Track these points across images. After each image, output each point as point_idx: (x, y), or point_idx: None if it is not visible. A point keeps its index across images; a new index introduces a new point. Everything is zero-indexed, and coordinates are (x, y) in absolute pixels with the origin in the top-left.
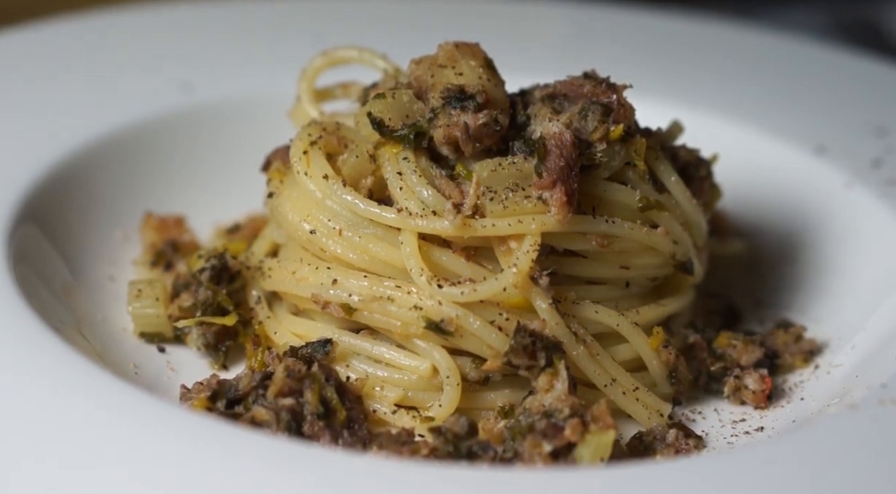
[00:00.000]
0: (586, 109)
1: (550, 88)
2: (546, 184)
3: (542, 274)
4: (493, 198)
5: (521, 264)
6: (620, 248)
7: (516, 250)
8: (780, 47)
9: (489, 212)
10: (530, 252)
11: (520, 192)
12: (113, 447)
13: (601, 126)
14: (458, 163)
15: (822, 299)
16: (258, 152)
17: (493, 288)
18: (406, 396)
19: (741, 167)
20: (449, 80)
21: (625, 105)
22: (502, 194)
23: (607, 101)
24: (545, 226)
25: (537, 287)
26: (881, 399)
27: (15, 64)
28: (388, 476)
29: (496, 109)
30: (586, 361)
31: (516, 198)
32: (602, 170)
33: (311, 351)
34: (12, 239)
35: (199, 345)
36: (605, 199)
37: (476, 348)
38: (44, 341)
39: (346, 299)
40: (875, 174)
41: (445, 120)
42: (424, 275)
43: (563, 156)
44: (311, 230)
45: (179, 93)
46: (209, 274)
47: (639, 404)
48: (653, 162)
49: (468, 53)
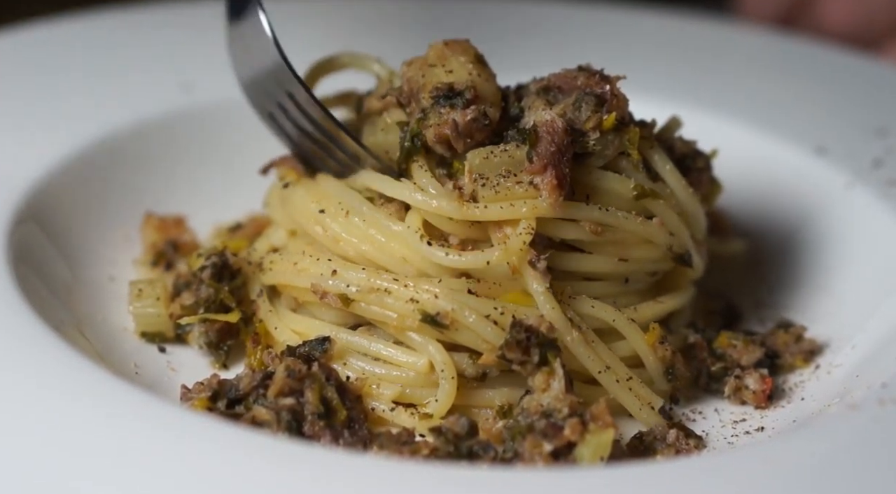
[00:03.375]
0: (580, 100)
1: (545, 81)
2: (537, 169)
3: (539, 259)
4: (486, 184)
5: (511, 243)
6: (616, 239)
7: (511, 235)
8: (781, 47)
9: (481, 196)
10: (523, 234)
11: (511, 178)
12: (113, 447)
13: (594, 115)
14: (454, 160)
15: (823, 299)
16: (258, 152)
17: (478, 259)
18: (404, 393)
19: (741, 167)
20: (439, 78)
21: (618, 95)
22: (494, 180)
23: (601, 92)
24: (537, 209)
25: (535, 270)
26: (881, 399)
27: (15, 64)
28: (389, 476)
29: (486, 103)
30: (581, 347)
31: (508, 184)
32: (596, 159)
33: (308, 349)
34: (12, 238)
35: (200, 343)
36: (598, 188)
37: (471, 342)
38: (44, 341)
39: (343, 290)
40: (875, 174)
41: (436, 119)
42: (419, 233)
43: (554, 141)
44: (320, 209)
45: (179, 93)
46: (210, 271)
47: (631, 394)
48: (647, 151)
49: (458, 50)
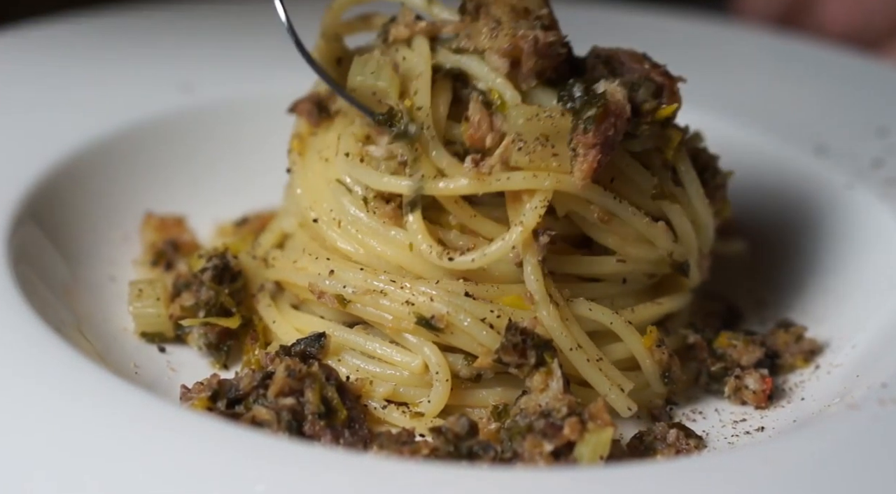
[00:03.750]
0: (640, 82)
1: (609, 51)
2: (587, 142)
3: (544, 232)
4: (522, 148)
5: (527, 220)
6: (618, 232)
7: (526, 203)
8: (781, 47)
9: (514, 160)
10: (538, 208)
11: (548, 148)
12: (113, 447)
13: (653, 100)
14: (493, 88)
15: (823, 299)
16: (258, 152)
17: (502, 248)
18: (397, 392)
19: (742, 167)
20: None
21: (676, 94)
22: (531, 146)
23: (661, 82)
24: (560, 184)
25: (535, 243)
26: (881, 399)
27: (15, 64)
28: (389, 476)
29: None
30: (555, 322)
31: (543, 154)
32: (634, 144)
33: (304, 346)
34: (13, 239)
35: (200, 345)
36: (624, 174)
37: (467, 345)
38: (44, 341)
39: (340, 290)
40: (875, 174)
41: (512, 32)
42: (434, 251)
43: (615, 125)
44: (314, 219)
45: (179, 94)
46: (211, 273)
47: (601, 374)
48: (676, 156)
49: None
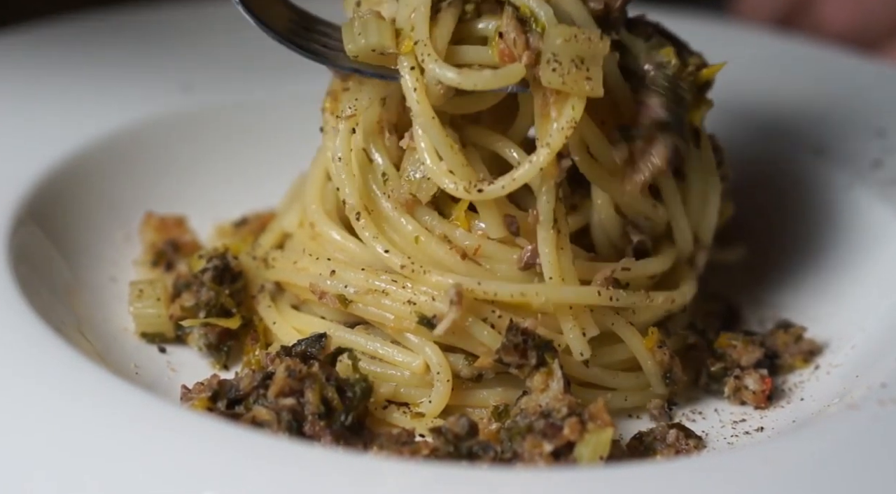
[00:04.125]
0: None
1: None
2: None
3: (568, 156)
4: (556, 69)
5: (553, 142)
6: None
7: (554, 120)
8: (780, 47)
9: (546, 81)
10: (565, 128)
11: (582, 71)
12: (113, 447)
13: (699, 59)
14: (524, 5)
15: (822, 299)
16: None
17: (530, 170)
18: (398, 392)
19: (741, 167)
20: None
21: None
22: (566, 67)
23: (701, 62)
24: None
25: (557, 165)
26: (881, 399)
27: (15, 64)
28: (389, 476)
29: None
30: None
31: (577, 76)
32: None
33: (305, 346)
34: (13, 239)
35: (200, 345)
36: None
37: (468, 345)
38: (45, 341)
39: (341, 290)
40: (875, 175)
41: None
42: (460, 186)
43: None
44: (311, 223)
45: (179, 94)
46: (212, 274)
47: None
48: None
49: None
